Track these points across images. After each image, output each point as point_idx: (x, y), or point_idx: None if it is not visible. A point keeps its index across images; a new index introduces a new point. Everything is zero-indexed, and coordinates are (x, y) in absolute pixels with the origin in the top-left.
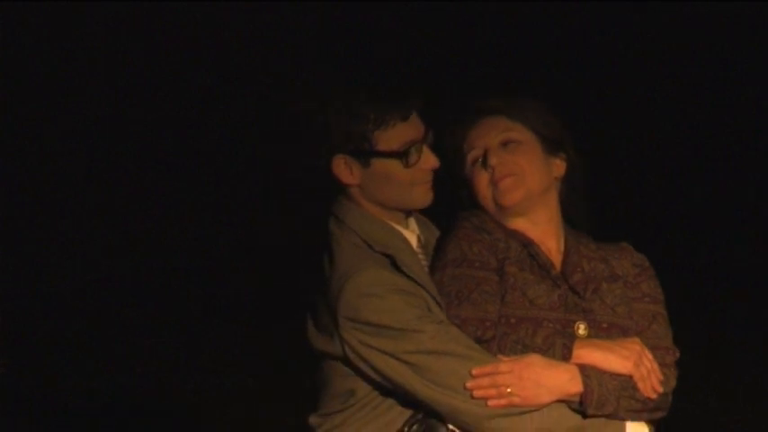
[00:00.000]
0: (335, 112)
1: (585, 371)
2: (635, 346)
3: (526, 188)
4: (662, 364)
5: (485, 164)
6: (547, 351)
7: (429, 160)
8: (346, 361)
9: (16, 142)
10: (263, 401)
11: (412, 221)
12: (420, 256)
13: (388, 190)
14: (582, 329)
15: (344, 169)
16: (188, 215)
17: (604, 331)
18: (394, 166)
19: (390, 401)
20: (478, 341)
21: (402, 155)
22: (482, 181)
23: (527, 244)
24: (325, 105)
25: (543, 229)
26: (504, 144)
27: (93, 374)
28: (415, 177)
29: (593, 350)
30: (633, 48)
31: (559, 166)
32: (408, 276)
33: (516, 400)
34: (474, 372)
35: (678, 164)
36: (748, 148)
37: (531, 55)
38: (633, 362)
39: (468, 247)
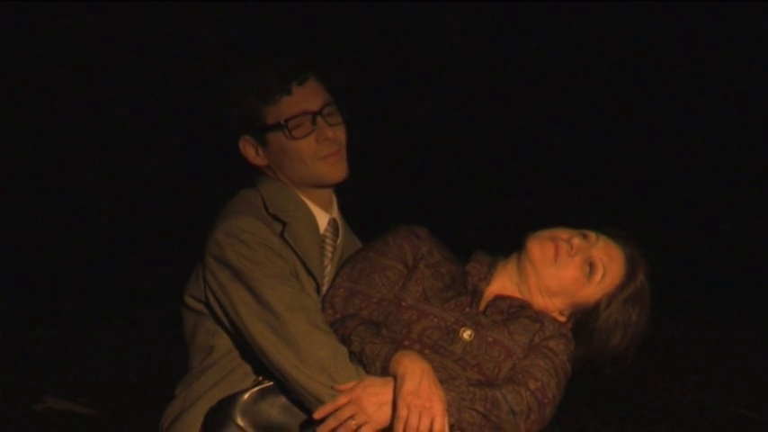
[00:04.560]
0: (230, 95)
1: None
2: (436, 403)
3: (538, 271)
4: (519, 384)
5: (571, 245)
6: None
7: (323, 132)
8: (210, 312)
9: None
10: None
11: (334, 207)
12: (328, 240)
13: (290, 165)
14: (467, 335)
15: (250, 150)
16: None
17: (488, 344)
18: (285, 140)
19: (246, 367)
20: (350, 316)
21: (283, 126)
22: (572, 263)
23: (474, 280)
24: (223, 90)
25: (517, 290)
26: (584, 236)
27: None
28: (313, 150)
29: (408, 365)
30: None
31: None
32: (290, 245)
33: (367, 428)
34: (316, 415)
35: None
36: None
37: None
38: (407, 403)
39: (392, 239)
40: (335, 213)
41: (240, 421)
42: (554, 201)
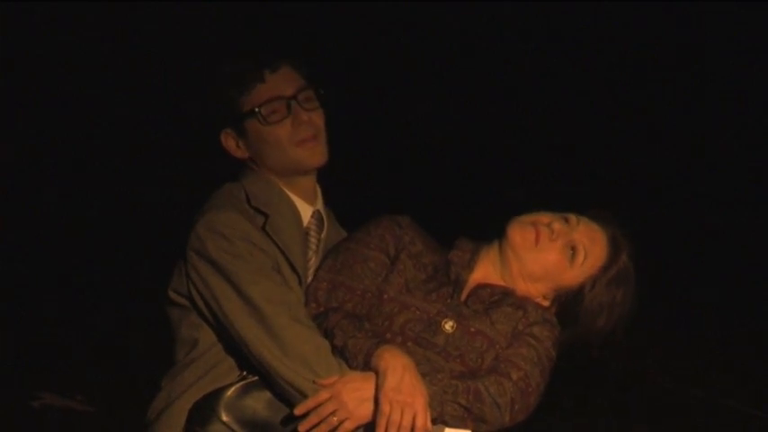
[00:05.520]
0: (207, 89)
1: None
2: (418, 399)
3: (519, 256)
4: (502, 374)
5: (552, 230)
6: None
7: (298, 116)
8: (194, 306)
9: None
10: None
11: (319, 199)
12: (312, 232)
13: (269, 153)
14: (449, 326)
15: (231, 142)
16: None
17: (470, 335)
18: (261, 126)
19: (231, 361)
20: (333, 309)
21: (257, 113)
22: (553, 248)
23: (457, 269)
24: (201, 86)
25: (500, 277)
26: (565, 220)
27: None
28: (289, 135)
29: (390, 360)
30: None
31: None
32: (271, 238)
33: (348, 424)
34: (297, 411)
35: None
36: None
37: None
38: (389, 399)
39: (374, 229)
40: (320, 205)
41: (225, 417)
42: (553, 200)
